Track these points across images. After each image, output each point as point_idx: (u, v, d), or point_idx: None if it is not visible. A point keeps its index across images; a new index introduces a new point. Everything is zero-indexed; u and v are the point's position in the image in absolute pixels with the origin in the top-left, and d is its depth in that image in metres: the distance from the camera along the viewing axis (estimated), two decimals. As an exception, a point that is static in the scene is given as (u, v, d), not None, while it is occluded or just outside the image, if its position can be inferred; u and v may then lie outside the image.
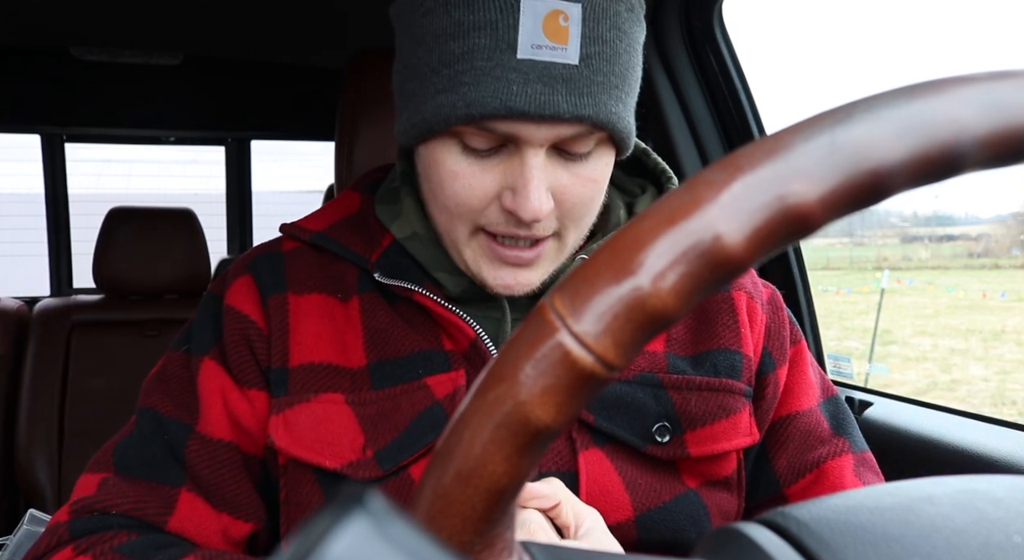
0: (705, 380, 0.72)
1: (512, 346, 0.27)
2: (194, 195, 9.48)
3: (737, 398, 0.73)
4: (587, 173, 0.65)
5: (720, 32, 1.40)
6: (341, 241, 0.75)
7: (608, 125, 0.63)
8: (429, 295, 0.71)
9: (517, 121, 0.60)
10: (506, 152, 0.64)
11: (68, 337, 2.04)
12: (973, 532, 0.30)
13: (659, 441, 0.70)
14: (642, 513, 0.69)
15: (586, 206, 0.67)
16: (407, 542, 0.20)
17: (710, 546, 0.33)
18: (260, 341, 0.72)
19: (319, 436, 0.68)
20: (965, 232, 25.74)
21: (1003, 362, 8.99)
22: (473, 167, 0.64)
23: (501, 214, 0.65)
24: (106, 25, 1.92)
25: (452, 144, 0.64)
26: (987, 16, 79.36)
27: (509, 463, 0.27)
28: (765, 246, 0.26)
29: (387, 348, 0.71)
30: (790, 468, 0.77)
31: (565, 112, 0.60)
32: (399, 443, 0.68)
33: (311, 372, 0.70)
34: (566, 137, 0.62)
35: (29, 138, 2.41)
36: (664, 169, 0.80)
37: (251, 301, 0.73)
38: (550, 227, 0.66)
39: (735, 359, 0.73)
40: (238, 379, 0.72)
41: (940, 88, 0.27)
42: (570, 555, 0.33)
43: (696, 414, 0.71)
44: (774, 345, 0.77)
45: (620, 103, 0.64)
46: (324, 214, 0.80)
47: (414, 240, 0.73)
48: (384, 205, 0.77)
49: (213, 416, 0.71)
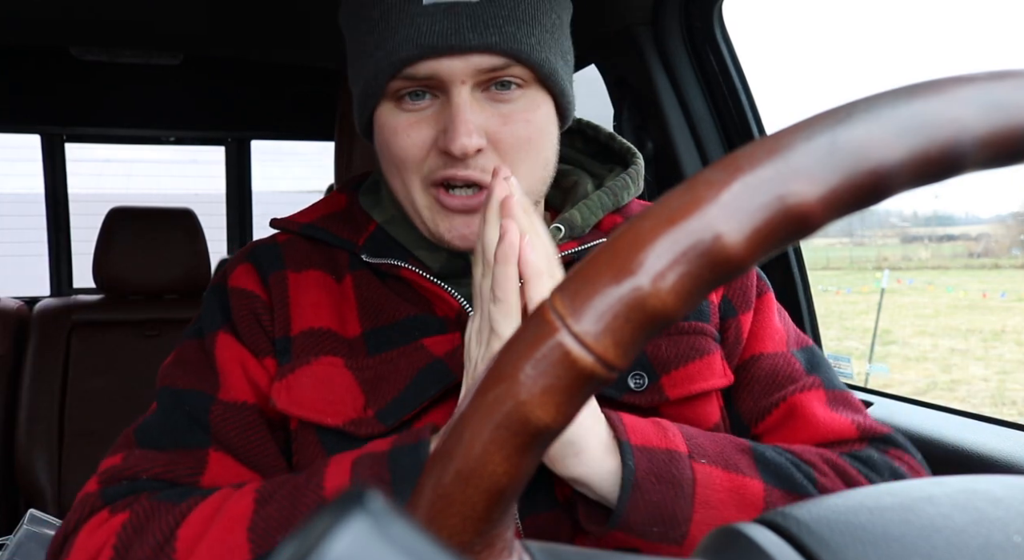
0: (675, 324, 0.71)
1: (512, 346, 0.27)
2: (194, 195, 9.47)
3: (707, 340, 0.75)
4: (519, 114, 0.70)
5: (720, 32, 1.40)
6: (330, 229, 0.80)
7: (520, 55, 0.67)
8: (414, 269, 0.74)
9: (432, 59, 0.67)
10: (437, 102, 0.70)
11: (68, 337, 2.04)
12: (973, 532, 0.30)
13: (634, 389, 0.72)
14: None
15: (524, 147, 0.70)
16: (407, 542, 0.20)
17: (710, 546, 0.33)
18: (266, 313, 0.76)
19: (320, 396, 0.70)
20: (965, 232, 25.76)
21: (1003, 362, 8.99)
22: (410, 119, 0.70)
23: (439, 158, 0.69)
24: (106, 25, 1.92)
25: (390, 106, 0.71)
26: (987, 16, 79.36)
27: (509, 463, 0.27)
28: (765, 246, 0.26)
29: (380, 316, 0.75)
30: (756, 408, 0.75)
31: (471, 40, 0.66)
32: (401, 399, 0.70)
33: (311, 337, 0.73)
34: (484, 69, 0.67)
35: (29, 138, 2.41)
36: (629, 148, 0.84)
37: (253, 280, 0.77)
38: (490, 166, 0.68)
39: (703, 304, 0.75)
40: (252, 349, 0.74)
41: (940, 88, 0.27)
42: (570, 555, 0.33)
43: (669, 357, 0.73)
44: (734, 293, 0.79)
45: (531, 37, 0.68)
46: (313, 209, 0.84)
47: (393, 222, 0.79)
48: (367, 196, 0.83)
49: (233, 381, 0.73)
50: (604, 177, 0.84)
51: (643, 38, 1.42)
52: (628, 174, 0.82)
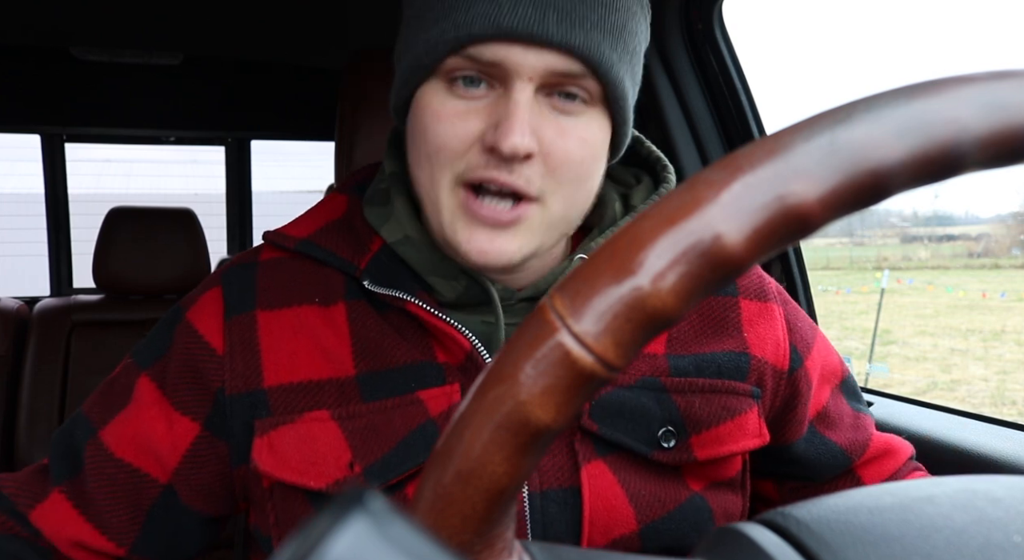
0: (708, 382, 0.70)
1: (512, 346, 0.27)
2: (194, 195, 9.48)
3: (742, 399, 0.71)
4: (577, 131, 0.63)
5: (720, 33, 1.40)
6: (327, 247, 0.72)
7: (600, 66, 0.61)
8: (421, 305, 0.67)
9: (504, 44, 0.60)
10: (493, 94, 0.62)
11: (68, 337, 2.04)
12: (973, 532, 0.30)
13: (665, 447, 0.68)
14: (646, 525, 0.68)
15: (574, 168, 0.64)
16: (407, 542, 0.20)
17: (710, 546, 0.33)
18: (211, 363, 0.69)
19: (304, 456, 0.66)
20: (965, 232, 25.74)
21: (1003, 362, 8.98)
22: (458, 107, 0.63)
23: (482, 155, 0.62)
24: (106, 25, 1.92)
25: (439, 85, 0.63)
26: (987, 16, 79.34)
27: (509, 463, 0.27)
28: (765, 246, 0.26)
29: (377, 358, 0.68)
30: (855, 442, 0.81)
31: (554, 35, 0.59)
32: (389, 460, 0.65)
33: (291, 392, 0.67)
34: (557, 71, 0.61)
35: (29, 138, 2.41)
36: (659, 157, 0.77)
37: (212, 319, 0.71)
38: (534, 180, 0.62)
39: (740, 360, 0.72)
40: (170, 397, 0.69)
41: (940, 88, 0.27)
42: (570, 555, 0.33)
43: (701, 417, 0.69)
44: (796, 338, 0.76)
45: (615, 51, 0.62)
46: (309, 218, 0.76)
47: (406, 244, 0.70)
48: (373, 207, 0.73)
49: (123, 432, 0.69)
50: (630, 186, 0.78)
51: (643, 38, 1.42)
52: (659, 194, 0.75)
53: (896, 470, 0.83)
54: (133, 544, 0.70)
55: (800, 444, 0.78)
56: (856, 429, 0.81)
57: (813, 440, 0.79)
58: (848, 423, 0.81)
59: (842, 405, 0.82)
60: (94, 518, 0.69)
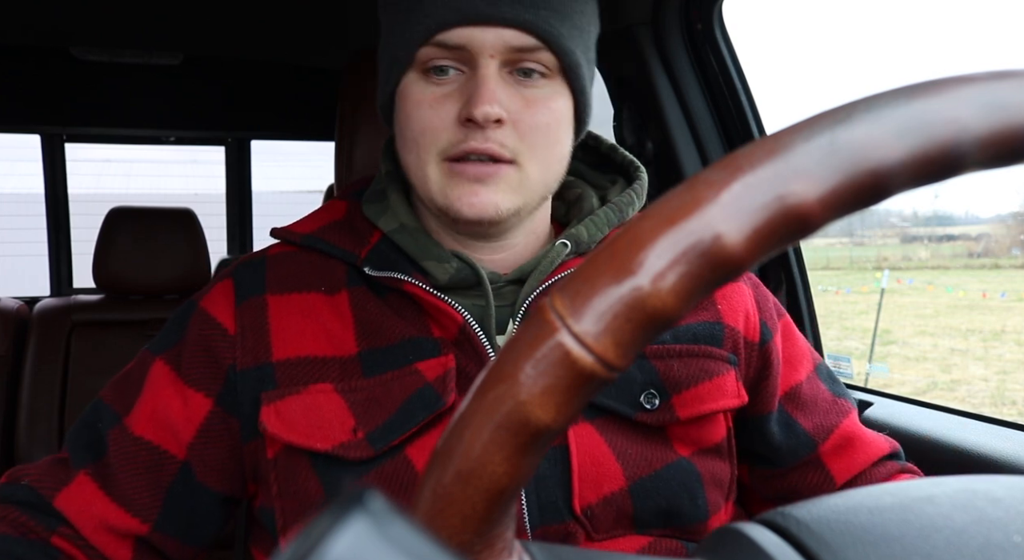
0: (685, 347, 0.75)
1: (512, 346, 0.27)
2: (194, 195, 9.48)
3: (719, 363, 0.76)
4: (540, 100, 0.71)
5: (720, 33, 1.40)
6: (330, 240, 0.78)
7: (550, 39, 0.69)
8: (417, 283, 0.73)
9: (466, 27, 0.69)
10: (462, 77, 0.71)
11: (68, 337, 2.04)
12: (973, 532, 0.30)
13: (647, 408, 0.73)
14: (634, 482, 0.71)
15: (543, 132, 0.71)
16: (407, 542, 0.20)
17: (710, 546, 0.33)
18: (223, 342, 0.74)
19: (310, 421, 0.70)
20: (965, 232, 25.77)
21: (1003, 362, 8.98)
22: (435, 93, 0.71)
23: (460, 130, 0.70)
24: (106, 25, 1.92)
25: (416, 77, 0.72)
26: (987, 16, 79.32)
27: (509, 463, 0.27)
28: (765, 246, 0.26)
29: (377, 337, 0.73)
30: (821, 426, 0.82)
31: (507, 13, 0.68)
32: (390, 423, 0.70)
33: (298, 366, 0.72)
34: (514, 47, 0.69)
35: (29, 138, 2.41)
36: (632, 161, 0.85)
37: (225, 305, 0.76)
38: (507, 144, 0.70)
39: (715, 329, 0.77)
40: (185, 376, 0.74)
41: (940, 88, 0.27)
42: (570, 555, 0.33)
43: (680, 378, 0.74)
44: (765, 315, 0.81)
45: (562, 26, 0.71)
46: (312, 219, 0.83)
47: (401, 232, 0.77)
48: (371, 205, 0.80)
49: (145, 415, 0.73)
50: (607, 189, 0.84)
51: (643, 38, 1.42)
52: (633, 190, 0.82)
53: (869, 464, 0.84)
54: (156, 521, 0.73)
55: (772, 421, 0.81)
56: (828, 414, 0.83)
57: (781, 419, 0.82)
58: (823, 408, 0.83)
59: (819, 387, 0.84)
60: (118, 497, 0.72)
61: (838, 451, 0.83)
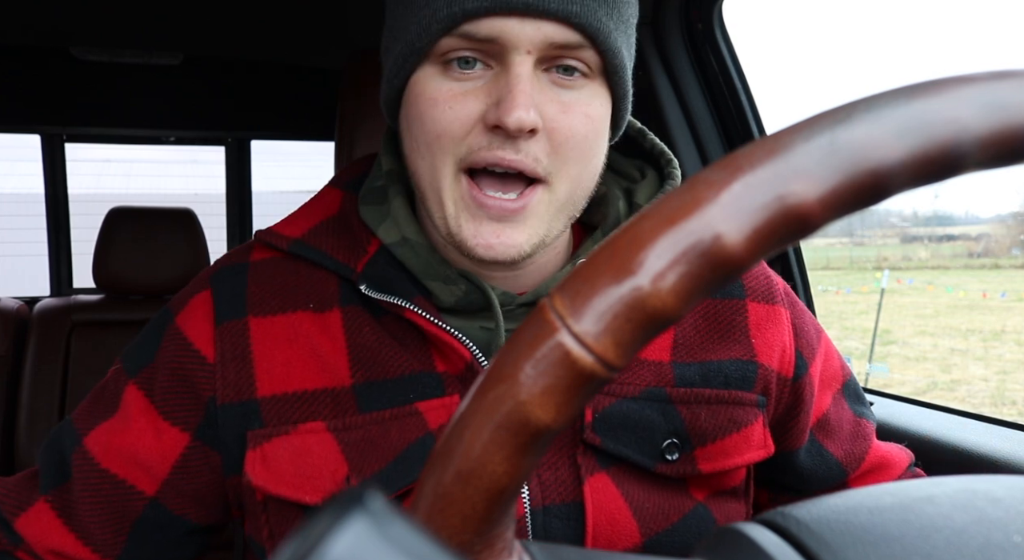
0: (715, 393, 0.68)
1: (512, 346, 0.27)
2: (194, 195, 9.48)
3: (748, 410, 0.69)
4: (580, 106, 0.61)
5: (720, 33, 1.40)
6: (322, 248, 0.69)
7: (597, 35, 0.59)
8: (420, 312, 0.65)
9: (500, 17, 0.57)
10: (489, 73, 0.60)
11: (68, 337, 2.04)
12: (973, 532, 0.30)
13: (669, 459, 0.67)
14: (650, 538, 0.66)
15: (579, 145, 0.61)
16: (407, 542, 0.20)
17: (710, 546, 0.33)
18: (202, 372, 0.67)
19: (298, 470, 0.64)
20: (965, 232, 25.76)
21: (1003, 362, 8.98)
22: (454, 89, 0.60)
23: (484, 136, 0.59)
24: (106, 25, 1.92)
25: (433, 70, 0.61)
26: (987, 16, 79.36)
27: (509, 463, 0.27)
28: (765, 246, 0.26)
29: (374, 368, 0.65)
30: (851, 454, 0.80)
31: (549, 3, 0.57)
32: (386, 474, 0.63)
33: (285, 403, 0.65)
34: (556, 43, 0.58)
35: (29, 138, 2.41)
36: (663, 151, 0.74)
37: (202, 324, 0.68)
38: (540, 159, 0.60)
39: (747, 369, 0.70)
40: (159, 407, 0.67)
41: (940, 88, 0.27)
42: (570, 555, 0.33)
43: (706, 429, 0.67)
44: (802, 343, 0.75)
45: (610, 19, 0.60)
46: (302, 216, 0.73)
47: (404, 246, 0.68)
48: (369, 206, 0.71)
49: (110, 442, 0.68)
50: (633, 179, 0.75)
51: (643, 38, 1.42)
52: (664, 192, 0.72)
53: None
54: (119, 557, 0.69)
55: (801, 453, 0.77)
56: (855, 439, 0.80)
57: (811, 450, 0.78)
58: (848, 431, 0.80)
59: (843, 411, 0.81)
60: (78, 528, 0.68)
61: (865, 476, 0.81)
